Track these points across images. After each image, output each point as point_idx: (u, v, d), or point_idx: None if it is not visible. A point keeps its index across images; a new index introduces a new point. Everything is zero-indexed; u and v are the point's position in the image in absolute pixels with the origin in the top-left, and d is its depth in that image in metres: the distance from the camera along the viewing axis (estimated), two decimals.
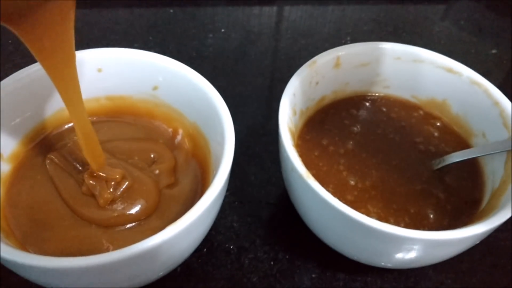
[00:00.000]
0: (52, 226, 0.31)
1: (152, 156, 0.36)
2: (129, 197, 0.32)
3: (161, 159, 0.36)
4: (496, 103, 0.36)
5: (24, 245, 0.30)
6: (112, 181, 0.32)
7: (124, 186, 0.33)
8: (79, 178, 0.33)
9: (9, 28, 0.20)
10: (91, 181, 0.32)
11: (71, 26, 0.23)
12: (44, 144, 0.36)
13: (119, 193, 0.32)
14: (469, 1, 0.68)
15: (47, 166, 0.34)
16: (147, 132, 0.38)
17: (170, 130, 0.38)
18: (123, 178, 0.33)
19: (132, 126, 0.38)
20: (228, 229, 0.37)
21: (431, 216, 0.33)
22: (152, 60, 0.36)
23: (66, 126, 0.38)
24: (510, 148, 0.33)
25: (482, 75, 0.37)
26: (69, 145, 0.35)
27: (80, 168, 0.34)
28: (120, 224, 0.32)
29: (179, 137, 0.38)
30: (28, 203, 0.32)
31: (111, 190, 0.32)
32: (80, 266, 0.24)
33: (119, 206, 0.32)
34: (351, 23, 0.61)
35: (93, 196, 0.32)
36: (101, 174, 0.32)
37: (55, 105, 0.36)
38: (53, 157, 0.34)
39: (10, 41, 0.53)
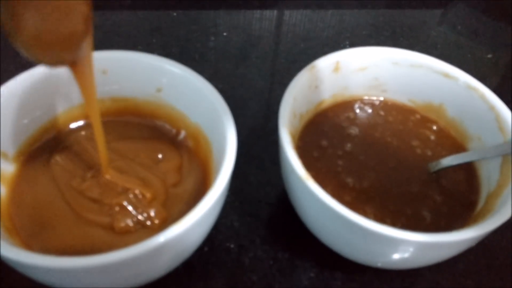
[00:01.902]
0: (56, 225, 0.31)
1: (158, 154, 0.36)
2: (137, 206, 0.32)
3: (167, 157, 0.36)
4: (492, 108, 0.36)
5: (28, 244, 0.30)
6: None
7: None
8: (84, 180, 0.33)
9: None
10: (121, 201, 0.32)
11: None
12: (49, 145, 0.36)
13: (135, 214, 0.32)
14: (465, 6, 0.68)
15: (52, 167, 0.34)
16: (151, 132, 0.39)
17: (174, 130, 0.39)
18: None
19: (136, 126, 0.39)
20: (228, 229, 0.38)
21: (428, 218, 0.34)
22: (156, 63, 0.37)
23: (72, 127, 0.38)
24: (505, 152, 0.33)
25: (478, 79, 0.38)
26: (74, 146, 0.36)
27: (85, 170, 0.34)
28: (126, 230, 0.32)
29: (182, 137, 0.38)
30: (32, 203, 0.33)
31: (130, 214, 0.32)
32: (83, 266, 0.24)
33: (127, 215, 0.32)
34: (350, 27, 0.61)
35: (97, 200, 0.32)
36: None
37: (61, 106, 0.37)
38: (58, 158, 0.35)
39: None
